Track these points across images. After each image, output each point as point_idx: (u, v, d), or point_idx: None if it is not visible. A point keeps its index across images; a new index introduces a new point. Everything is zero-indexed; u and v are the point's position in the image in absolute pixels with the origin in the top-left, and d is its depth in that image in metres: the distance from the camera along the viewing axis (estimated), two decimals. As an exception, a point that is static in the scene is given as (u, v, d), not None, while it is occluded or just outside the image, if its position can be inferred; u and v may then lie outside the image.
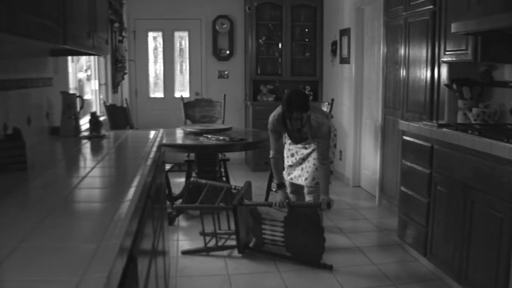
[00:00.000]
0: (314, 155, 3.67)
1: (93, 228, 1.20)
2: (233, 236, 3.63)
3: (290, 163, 3.85)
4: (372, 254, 3.63)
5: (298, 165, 3.80)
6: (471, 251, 2.73)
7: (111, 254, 0.99)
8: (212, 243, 3.66)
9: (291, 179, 3.84)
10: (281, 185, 3.61)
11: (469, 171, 2.73)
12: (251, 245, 3.63)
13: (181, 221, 4.40)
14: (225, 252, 3.62)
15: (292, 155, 3.84)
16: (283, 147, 3.80)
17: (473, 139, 2.70)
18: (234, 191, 3.85)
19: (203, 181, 3.97)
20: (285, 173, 3.87)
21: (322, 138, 3.51)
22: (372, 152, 5.26)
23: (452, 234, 2.93)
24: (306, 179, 3.72)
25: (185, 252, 3.60)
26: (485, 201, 2.58)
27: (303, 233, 3.40)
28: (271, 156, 3.68)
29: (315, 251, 3.39)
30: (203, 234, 3.67)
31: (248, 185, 3.72)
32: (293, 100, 3.38)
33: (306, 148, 3.73)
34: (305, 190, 3.79)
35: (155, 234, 1.97)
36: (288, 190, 3.94)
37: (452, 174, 2.92)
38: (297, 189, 3.91)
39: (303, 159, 3.77)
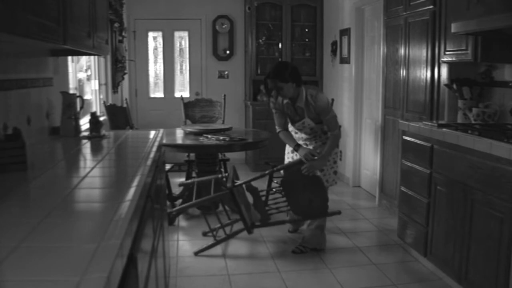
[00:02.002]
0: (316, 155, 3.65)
1: (93, 228, 1.20)
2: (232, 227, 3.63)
3: (290, 159, 3.84)
4: (372, 254, 3.63)
5: None
6: (471, 251, 2.73)
7: (111, 254, 0.99)
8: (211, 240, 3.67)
9: None
10: (298, 146, 3.61)
11: (469, 171, 2.73)
12: (257, 222, 3.62)
13: (181, 221, 4.40)
14: (225, 252, 3.62)
15: (293, 151, 3.82)
16: (287, 124, 3.78)
17: (473, 139, 2.70)
18: (223, 179, 3.89)
19: (189, 181, 3.99)
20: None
21: (323, 112, 3.53)
22: (372, 152, 5.26)
23: (452, 234, 2.93)
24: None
25: (198, 252, 3.58)
26: (485, 201, 2.58)
27: (303, 190, 3.42)
28: (277, 131, 3.73)
29: (320, 202, 3.40)
30: (210, 230, 3.68)
31: (234, 170, 3.76)
32: (271, 69, 3.55)
33: (307, 146, 3.72)
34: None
35: (155, 234, 1.97)
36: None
37: (452, 174, 2.92)
38: None
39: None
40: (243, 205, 3.49)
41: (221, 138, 4.30)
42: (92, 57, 4.67)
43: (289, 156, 3.86)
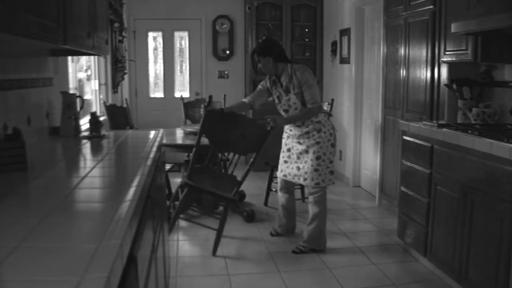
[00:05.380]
0: (311, 155, 3.61)
1: (93, 228, 1.20)
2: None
3: (285, 158, 3.81)
4: (372, 254, 3.63)
5: (293, 163, 3.73)
6: (471, 251, 2.73)
7: (111, 254, 0.99)
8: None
9: (284, 176, 3.80)
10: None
11: (469, 171, 2.73)
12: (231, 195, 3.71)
13: (181, 221, 4.39)
14: (225, 252, 3.62)
15: (289, 150, 3.78)
16: (256, 103, 3.95)
17: (473, 139, 2.70)
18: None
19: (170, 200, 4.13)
20: (278, 170, 3.89)
21: (306, 84, 3.58)
22: (372, 152, 5.26)
23: (452, 234, 2.93)
24: (305, 179, 3.67)
25: (214, 252, 3.59)
26: (485, 201, 2.58)
27: (229, 129, 3.63)
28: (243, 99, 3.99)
29: (256, 132, 3.63)
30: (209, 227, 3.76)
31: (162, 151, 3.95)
32: (256, 45, 3.79)
33: (300, 144, 3.67)
34: (306, 191, 3.78)
35: (155, 234, 1.97)
36: (279, 186, 3.93)
37: (452, 174, 2.92)
38: (288, 187, 3.89)
39: (298, 158, 3.70)
40: (209, 186, 3.62)
41: (221, 138, 4.30)
42: (92, 57, 4.67)
43: (284, 155, 3.84)
